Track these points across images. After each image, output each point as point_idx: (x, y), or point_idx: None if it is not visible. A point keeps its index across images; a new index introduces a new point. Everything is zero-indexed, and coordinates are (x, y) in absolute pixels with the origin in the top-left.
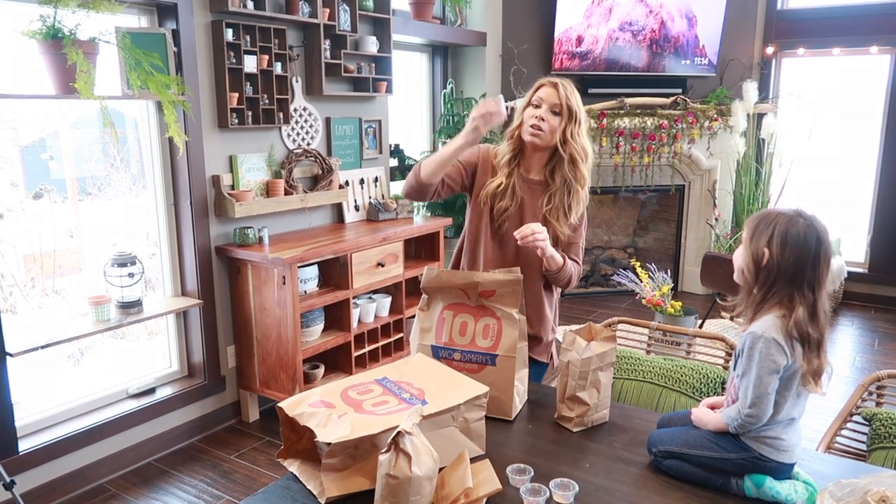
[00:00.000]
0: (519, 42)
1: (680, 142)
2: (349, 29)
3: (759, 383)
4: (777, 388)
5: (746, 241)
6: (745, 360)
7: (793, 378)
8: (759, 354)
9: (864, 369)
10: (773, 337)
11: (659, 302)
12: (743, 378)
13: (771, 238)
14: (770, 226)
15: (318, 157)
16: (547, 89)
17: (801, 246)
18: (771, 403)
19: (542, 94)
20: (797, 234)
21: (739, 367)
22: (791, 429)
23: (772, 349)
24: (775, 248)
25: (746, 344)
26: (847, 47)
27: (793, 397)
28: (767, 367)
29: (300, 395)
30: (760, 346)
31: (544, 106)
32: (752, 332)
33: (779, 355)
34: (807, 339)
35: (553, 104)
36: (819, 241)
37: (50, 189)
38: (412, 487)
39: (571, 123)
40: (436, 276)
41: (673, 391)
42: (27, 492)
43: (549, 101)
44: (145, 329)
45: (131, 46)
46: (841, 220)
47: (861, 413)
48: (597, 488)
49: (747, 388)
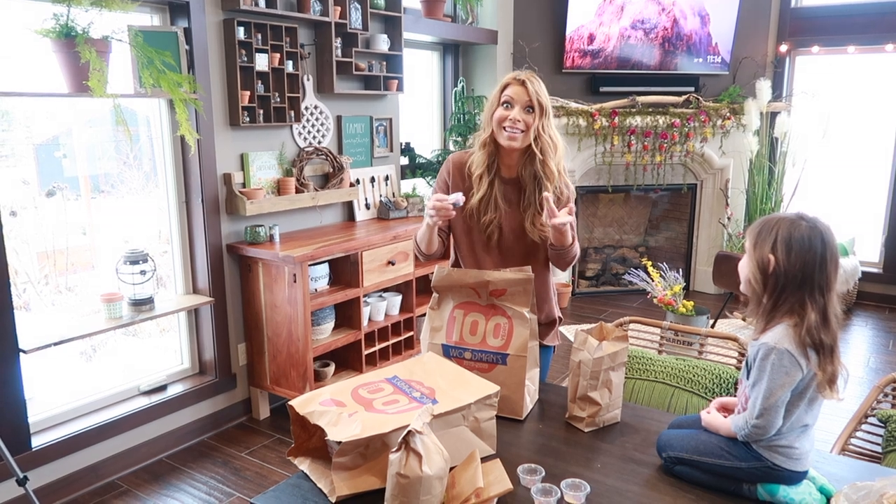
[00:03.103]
0: (530, 40)
1: (692, 140)
2: (360, 27)
3: (769, 395)
4: (799, 395)
5: (750, 250)
6: (757, 370)
7: (807, 387)
8: (772, 366)
9: (879, 370)
10: (786, 348)
11: (671, 301)
12: (754, 388)
13: (775, 244)
14: (772, 231)
15: (329, 155)
16: (515, 87)
17: (806, 249)
18: (780, 416)
19: (512, 93)
20: (801, 237)
21: (752, 377)
22: (804, 436)
23: (785, 361)
24: (780, 254)
25: (760, 354)
26: (862, 45)
27: (805, 404)
28: (779, 380)
29: (311, 393)
30: (773, 359)
31: (516, 106)
32: (765, 343)
33: (792, 367)
34: (820, 346)
35: (525, 102)
36: (824, 243)
37: (63, 187)
38: (423, 487)
39: (543, 118)
40: (446, 275)
41: (685, 391)
42: (40, 487)
43: (520, 99)
44: (157, 326)
45: (143, 45)
46: (855, 219)
47: (876, 415)
48: (608, 489)
49: (756, 399)
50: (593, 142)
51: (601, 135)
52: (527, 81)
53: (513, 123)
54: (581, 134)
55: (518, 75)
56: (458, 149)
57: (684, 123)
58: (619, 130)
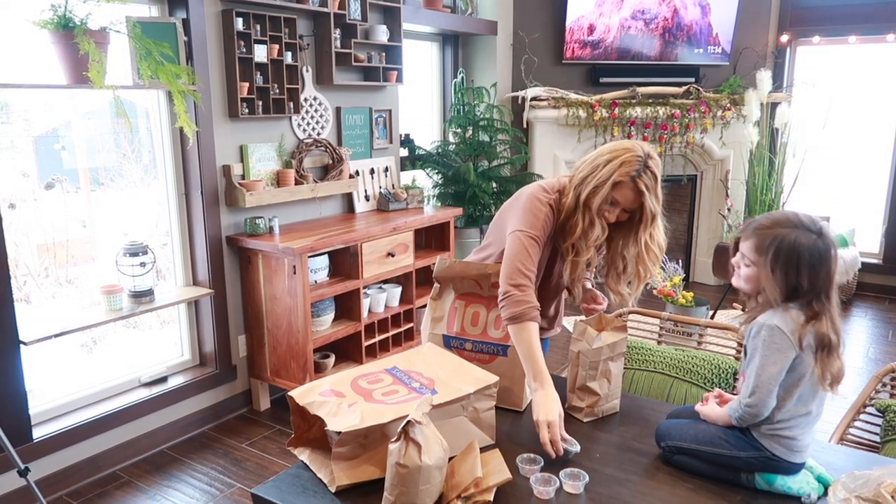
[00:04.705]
0: (530, 31)
1: (692, 131)
2: (359, 18)
3: (760, 371)
4: (796, 381)
5: (759, 261)
6: (749, 349)
7: (805, 372)
8: (763, 342)
9: (878, 360)
10: (775, 324)
11: (670, 292)
12: (747, 368)
13: (798, 263)
14: (794, 247)
15: (329, 146)
16: (626, 193)
17: (822, 262)
18: (772, 396)
19: (622, 199)
20: (818, 253)
21: (746, 357)
22: (807, 428)
23: (776, 337)
24: (805, 274)
25: (752, 332)
26: (863, 35)
27: (809, 389)
28: (771, 357)
29: (311, 384)
30: (764, 335)
31: (621, 207)
32: (756, 321)
33: (784, 343)
34: (823, 342)
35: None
36: (834, 253)
37: (62, 179)
38: (422, 476)
39: (649, 227)
40: (448, 266)
41: (684, 382)
42: (41, 479)
43: (628, 204)
44: (157, 318)
45: (141, 36)
46: (855, 210)
47: (874, 404)
48: (607, 478)
49: (749, 378)
50: (593, 133)
51: (601, 126)
52: (646, 194)
53: (608, 215)
54: (581, 125)
55: (638, 181)
56: (459, 140)
57: (684, 114)
58: (619, 121)
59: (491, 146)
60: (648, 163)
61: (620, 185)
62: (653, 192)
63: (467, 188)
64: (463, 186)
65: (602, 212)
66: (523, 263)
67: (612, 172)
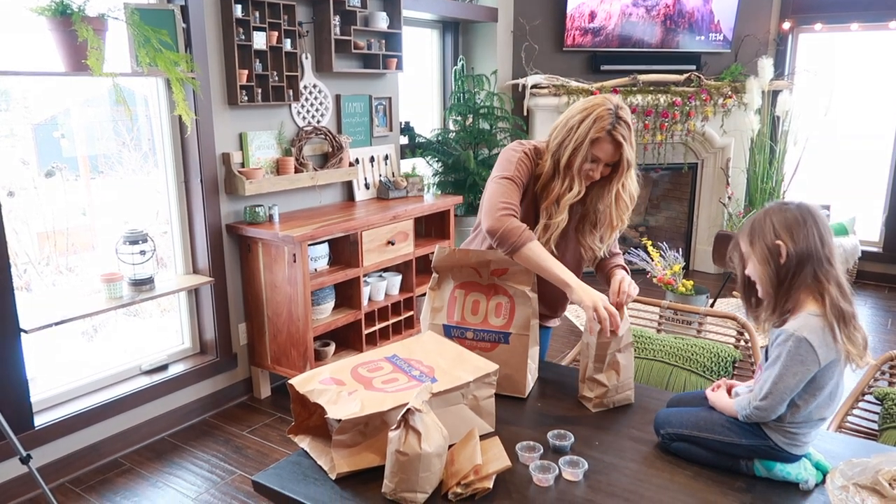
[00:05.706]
0: (531, 18)
1: (693, 119)
2: (359, 4)
3: (778, 380)
4: (815, 391)
5: (749, 251)
6: (773, 354)
7: (829, 378)
8: (788, 352)
9: (877, 349)
10: (805, 337)
11: (670, 281)
12: (766, 371)
13: (776, 230)
14: (766, 222)
15: (329, 134)
16: (607, 147)
17: (803, 226)
18: (783, 404)
19: (602, 154)
20: (794, 218)
21: (769, 359)
22: (817, 429)
23: (802, 350)
24: (786, 237)
25: (779, 339)
26: (865, 22)
27: (826, 398)
28: (793, 367)
29: (311, 372)
30: (791, 345)
31: (602, 163)
32: (786, 330)
33: (808, 357)
34: (842, 317)
35: (611, 159)
36: (815, 218)
37: (62, 167)
38: (422, 464)
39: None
40: (448, 255)
41: (683, 370)
42: (43, 466)
43: (608, 158)
44: (158, 306)
45: (140, 23)
46: (856, 198)
47: (873, 392)
48: (606, 466)
49: (766, 382)
50: None
51: None
52: (623, 144)
53: (592, 173)
54: None
55: (615, 133)
56: (459, 128)
57: (685, 102)
58: None
59: (491, 134)
60: (620, 113)
61: (599, 141)
62: (629, 141)
63: (467, 176)
64: (463, 174)
65: (585, 171)
66: (500, 200)
67: (588, 130)
